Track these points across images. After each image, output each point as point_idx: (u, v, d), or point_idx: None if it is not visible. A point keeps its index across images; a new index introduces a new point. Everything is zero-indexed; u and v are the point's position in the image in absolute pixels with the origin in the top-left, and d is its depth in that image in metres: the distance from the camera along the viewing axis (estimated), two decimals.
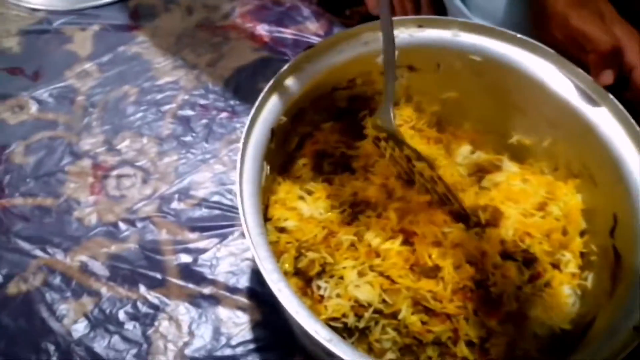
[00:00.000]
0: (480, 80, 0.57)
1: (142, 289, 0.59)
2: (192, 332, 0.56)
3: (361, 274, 0.49)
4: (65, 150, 0.70)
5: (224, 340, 0.56)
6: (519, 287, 0.49)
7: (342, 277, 0.49)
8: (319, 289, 0.49)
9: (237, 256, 0.61)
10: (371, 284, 0.48)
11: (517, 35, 0.54)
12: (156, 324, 0.57)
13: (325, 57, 0.55)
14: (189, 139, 0.71)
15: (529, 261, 0.51)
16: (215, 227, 0.64)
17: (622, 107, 0.50)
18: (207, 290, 0.59)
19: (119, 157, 0.69)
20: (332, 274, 0.50)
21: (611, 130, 0.50)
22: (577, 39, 0.52)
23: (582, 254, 0.52)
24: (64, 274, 0.60)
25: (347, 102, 0.61)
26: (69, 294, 0.59)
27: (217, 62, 0.79)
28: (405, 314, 0.47)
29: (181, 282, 0.60)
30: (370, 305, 0.48)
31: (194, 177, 0.68)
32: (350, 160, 0.58)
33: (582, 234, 0.53)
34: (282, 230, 0.53)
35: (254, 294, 0.59)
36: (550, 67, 0.53)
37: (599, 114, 0.51)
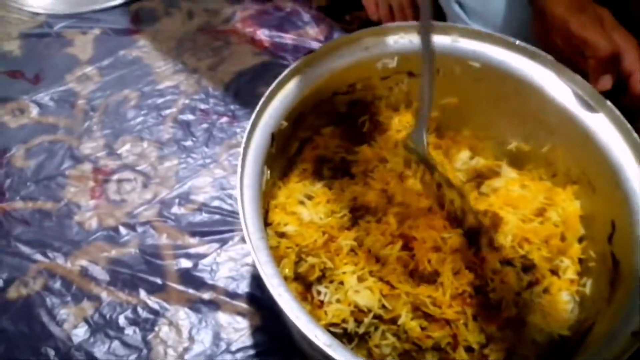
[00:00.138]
0: (479, 86, 0.57)
1: (142, 294, 0.59)
2: (192, 338, 0.57)
3: (361, 279, 0.49)
4: (65, 154, 0.70)
5: (224, 345, 0.56)
6: (518, 293, 0.50)
7: (342, 282, 0.49)
8: (318, 294, 0.49)
9: (237, 261, 0.62)
10: (371, 289, 0.49)
11: (516, 41, 0.54)
12: (156, 329, 0.57)
13: (325, 62, 0.55)
14: (189, 143, 0.72)
15: (528, 267, 0.51)
16: (215, 232, 0.64)
17: (619, 114, 0.50)
18: (207, 295, 0.59)
19: (119, 161, 0.70)
20: (332, 279, 0.50)
21: (609, 137, 0.50)
22: (577, 44, 0.52)
23: (580, 260, 0.53)
24: (64, 279, 0.60)
25: (347, 107, 0.61)
26: (69, 298, 0.59)
27: (217, 67, 0.79)
28: (404, 320, 0.47)
29: (181, 287, 0.60)
30: (370, 310, 0.48)
31: (194, 181, 0.68)
32: (350, 165, 0.58)
33: (581, 240, 0.53)
34: (282, 235, 0.53)
35: (253, 299, 0.59)
36: (548, 73, 0.54)
37: (597, 120, 0.51)
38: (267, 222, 0.54)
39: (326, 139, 0.60)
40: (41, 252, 0.62)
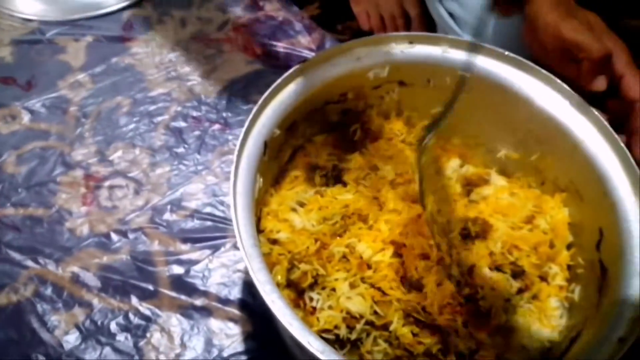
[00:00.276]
0: (469, 96, 0.58)
1: (134, 300, 0.59)
2: (184, 344, 0.57)
3: (353, 286, 0.50)
4: (57, 160, 0.70)
5: (216, 352, 0.56)
6: (508, 300, 0.50)
7: (334, 289, 0.50)
8: (311, 300, 0.50)
9: (229, 268, 0.62)
10: (363, 296, 0.49)
11: (505, 52, 0.56)
12: (148, 335, 0.57)
13: (318, 72, 0.56)
14: (181, 150, 0.72)
15: (517, 274, 0.52)
16: (207, 238, 0.64)
17: (606, 123, 0.51)
18: (199, 301, 0.59)
19: (111, 168, 0.70)
20: (324, 286, 0.50)
21: (596, 146, 0.51)
22: (569, 48, 0.53)
23: (569, 267, 0.53)
24: (55, 285, 0.60)
25: (339, 116, 0.62)
26: (60, 304, 0.59)
27: (210, 74, 0.80)
28: (396, 326, 0.48)
29: (173, 293, 0.60)
30: (361, 316, 0.48)
31: (186, 188, 0.68)
32: (342, 172, 0.59)
33: (569, 247, 0.54)
34: (275, 242, 0.54)
35: (245, 305, 0.59)
36: (537, 83, 0.55)
37: (585, 130, 0.52)
38: (259, 229, 0.54)
39: (318, 147, 0.61)
40: (32, 258, 0.62)
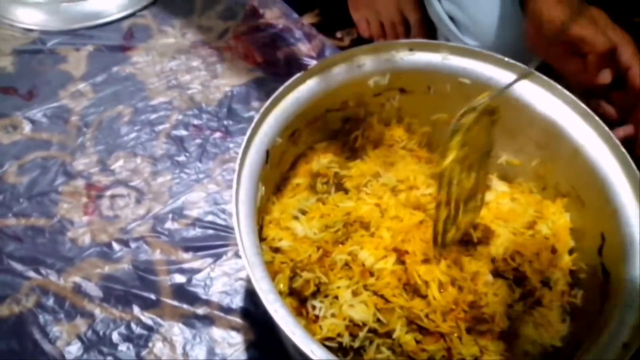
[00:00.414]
0: (469, 102, 0.58)
1: (136, 310, 0.59)
2: (186, 353, 0.56)
3: (355, 294, 0.50)
4: (58, 170, 0.70)
5: None
6: (510, 306, 0.50)
7: (336, 297, 0.50)
8: (313, 308, 0.50)
9: (230, 276, 0.62)
10: (365, 304, 0.49)
11: (505, 58, 0.56)
12: (150, 345, 0.57)
13: (319, 80, 0.56)
14: (182, 158, 0.72)
15: (520, 279, 0.51)
16: (209, 247, 0.64)
17: (607, 129, 0.51)
18: (201, 310, 0.59)
19: (112, 177, 0.70)
20: (327, 294, 0.50)
21: (597, 151, 0.51)
22: (574, 42, 0.53)
23: (571, 272, 0.53)
24: (57, 295, 0.60)
25: (340, 123, 0.62)
26: (62, 315, 0.58)
27: (210, 83, 0.80)
28: (399, 333, 0.48)
29: (175, 302, 0.60)
30: (364, 324, 0.48)
31: (187, 196, 0.68)
32: (343, 180, 0.59)
33: (571, 252, 0.54)
34: (277, 250, 0.54)
35: (247, 314, 0.59)
36: (537, 89, 0.55)
37: (586, 136, 0.52)
38: (261, 238, 0.54)
39: (319, 154, 0.61)
40: (34, 269, 0.62)
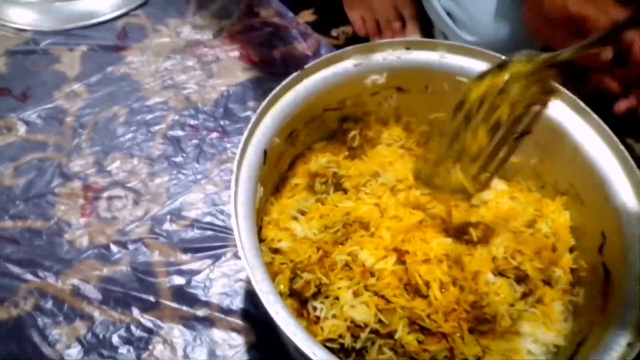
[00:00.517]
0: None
1: (136, 312, 0.59)
2: (187, 356, 0.56)
3: (356, 294, 0.50)
4: (55, 171, 0.70)
5: None
6: (512, 305, 0.50)
7: (337, 298, 0.50)
8: (314, 309, 0.49)
9: (230, 277, 0.61)
10: (367, 304, 0.49)
11: (502, 57, 0.55)
12: (150, 347, 0.57)
13: (316, 79, 0.56)
14: (179, 159, 0.71)
15: (521, 278, 0.51)
16: (208, 248, 0.64)
17: (607, 127, 0.51)
18: (201, 312, 0.59)
19: (109, 179, 0.69)
20: (328, 295, 0.50)
21: (596, 150, 0.51)
22: (575, 21, 0.54)
23: (572, 270, 0.53)
24: (55, 298, 0.59)
25: (338, 123, 0.62)
26: (61, 318, 0.58)
27: (206, 82, 0.79)
28: (401, 334, 0.47)
29: (175, 304, 0.59)
30: (366, 325, 0.48)
31: (185, 197, 0.68)
32: (342, 180, 0.58)
33: (571, 251, 0.54)
34: (276, 251, 0.53)
35: (248, 315, 0.59)
36: None
37: (585, 134, 0.52)
38: (260, 239, 0.54)
39: (317, 154, 0.61)
40: (31, 271, 0.61)
